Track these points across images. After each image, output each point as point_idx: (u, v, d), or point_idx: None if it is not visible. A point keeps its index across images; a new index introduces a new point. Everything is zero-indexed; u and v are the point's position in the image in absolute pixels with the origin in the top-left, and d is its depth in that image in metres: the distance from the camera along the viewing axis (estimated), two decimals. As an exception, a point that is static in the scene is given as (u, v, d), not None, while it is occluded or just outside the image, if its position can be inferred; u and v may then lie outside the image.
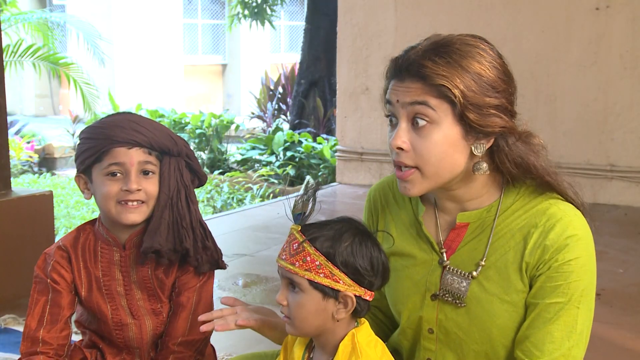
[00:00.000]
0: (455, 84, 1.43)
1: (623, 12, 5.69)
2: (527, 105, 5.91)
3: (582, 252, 1.50)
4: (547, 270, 1.48)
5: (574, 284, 1.48)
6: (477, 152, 1.48)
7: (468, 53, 1.46)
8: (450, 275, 1.56)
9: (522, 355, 1.49)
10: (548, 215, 1.50)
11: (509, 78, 1.50)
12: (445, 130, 1.46)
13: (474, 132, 1.47)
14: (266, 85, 12.05)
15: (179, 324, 1.91)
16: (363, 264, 1.46)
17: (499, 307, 1.52)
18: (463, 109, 1.44)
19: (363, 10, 6.57)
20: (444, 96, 1.44)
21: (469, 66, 1.45)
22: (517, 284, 1.51)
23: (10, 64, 9.41)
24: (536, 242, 1.49)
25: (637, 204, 5.72)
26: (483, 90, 1.45)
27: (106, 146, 1.81)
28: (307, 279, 1.46)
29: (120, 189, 1.81)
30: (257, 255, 4.49)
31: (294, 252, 1.48)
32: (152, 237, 1.83)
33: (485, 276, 1.53)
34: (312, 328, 1.50)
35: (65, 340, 1.89)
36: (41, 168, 10.10)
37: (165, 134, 1.86)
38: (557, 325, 1.48)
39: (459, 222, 1.58)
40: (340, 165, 6.86)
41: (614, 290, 3.77)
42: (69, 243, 1.92)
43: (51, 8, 15.74)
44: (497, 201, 1.55)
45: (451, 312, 1.57)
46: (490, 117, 1.46)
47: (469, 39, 1.50)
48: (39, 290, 1.90)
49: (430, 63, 1.44)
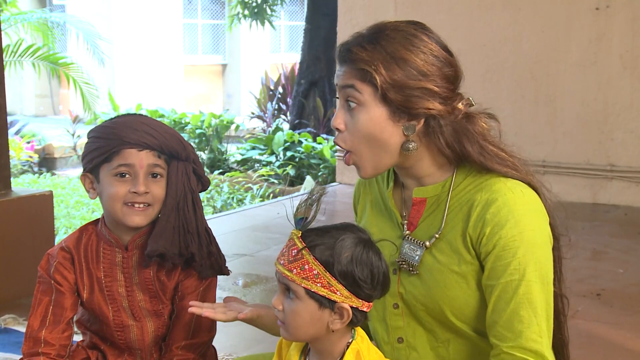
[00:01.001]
0: (376, 68, 1.52)
1: (623, 12, 5.69)
2: (527, 105, 5.95)
3: (525, 226, 1.51)
4: (494, 248, 1.51)
5: (523, 258, 1.49)
6: (407, 132, 1.56)
7: (396, 39, 1.54)
8: (408, 244, 1.63)
9: (497, 341, 1.51)
10: (492, 190, 1.55)
11: (443, 63, 1.56)
12: (371, 111, 1.55)
13: (400, 113, 1.55)
14: (266, 85, 12.05)
15: (182, 327, 1.90)
16: (362, 276, 1.44)
17: (450, 277, 1.56)
18: (385, 91, 1.53)
19: (363, 10, 6.57)
20: (368, 79, 1.53)
21: (394, 52, 1.53)
22: (465, 255, 1.55)
23: (10, 64, 9.41)
24: (478, 215, 1.54)
25: (637, 204, 5.72)
26: (408, 74, 1.52)
27: (117, 147, 1.80)
28: (304, 287, 1.44)
29: (128, 191, 1.81)
30: (257, 255, 4.50)
31: (293, 259, 1.46)
32: (157, 241, 1.82)
33: (438, 248, 1.59)
34: (306, 335, 1.49)
35: (67, 341, 1.89)
36: (41, 168, 10.10)
37: (175, 138, 1.86)
38: (520, 304, 1.49)
39: (415, 197, 1.64)
40: (340, 165, 6.86)
41: (614, 290, 3.77)
42: (72, 244, 1.91)
43: (51, 8, 15.74)
44: (450, 177, 1.62)
45: (409, 285, 1.61)
46: (415, 99, 1.53)
47: (403, 26, 1.58)
48: (42, 290, 1.90)
49: (357, 49, 1.55)
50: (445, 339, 1.62)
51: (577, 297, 3.53)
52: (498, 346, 1.50)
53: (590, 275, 3.98)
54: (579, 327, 3.13)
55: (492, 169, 1.57)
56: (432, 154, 1.60)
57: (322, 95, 10.36)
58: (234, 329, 3.22)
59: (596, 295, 3.69)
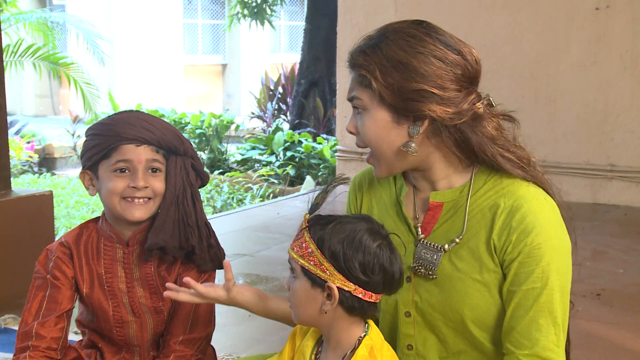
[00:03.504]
0: (372, 71, 1.53)
1: (623, 12, 5.69)
2: (527, 105, 5.94)
3: (551, 234, 1.51)
4: (518, 255, 1.51)
5: (547, 267, 1.49)
6: (411, 133, 1.56)
7: (394, 41, 1.54)
8: (424, 248, 1.61)
9: (512, 347, 1.50)
10: (516, 197, 1.53)
11: (446, 64, 1.53)
12: (373, 114, 1.56)
13: (402, 116, 1.54)
14: (266, 85, 12.05)
15: (180, 321, 1.91)
16: (351, 259, 1.45)
17: (471, 286, 1.55)
18: (383, 95, 1.53)
19: (363, 10, 6.57)
20: (367, 84, 1.55)
21: (391, 55, 1.53)
22: (488, 263, 1.54)
23: (10, 64, 9.41)
24: (503, 223, 1.52)
25: (637, 204, 5.72)
26: (405, 77, 1.51)
27: (115, 143, 1.81)
28: (300, 264, 1.49)
29: (127, 186, 1.82)
30: (257, 255, 4.49)
31: (296, 238, 1.52)
32: (157, 234, 1.84)
33: (458, 255, 1.57)
34: (306, 316, 1.52)
35: (60, 334, 1.88)
36: (41, 168, 10.09)
37: (173, 133, 1.87)
38: (540, 312, 1.49)
39: (432, 202, 1.62)
40: (340, 165, 6.86)
41: (614, 290, 3.77)
42: (71, 239, 1.92)
43: (51, 8, 15.74)
44: (469, 181, 1.60)
45: (425, 293, 1.60)
46: (412, 102, 1.52)
47: (404, 27, 1.57)
48: (37, 285, 1.90)
49: (358, 54, 1.57)
50: (456, 350, 1.61)
51: (577, 297, 3.51)
52: (513, 353, 1.49)
53: (590, 275, 3.97)
54: (579, 327, 3.13)
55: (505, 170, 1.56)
56: (444, 155, 1.59)
57: (322, 95, 10.35)
58: (234, 329, 3.22)
59: (596, 295, 3.69)
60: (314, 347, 1.58)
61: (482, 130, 1.55)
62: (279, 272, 4.06)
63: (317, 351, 1.57)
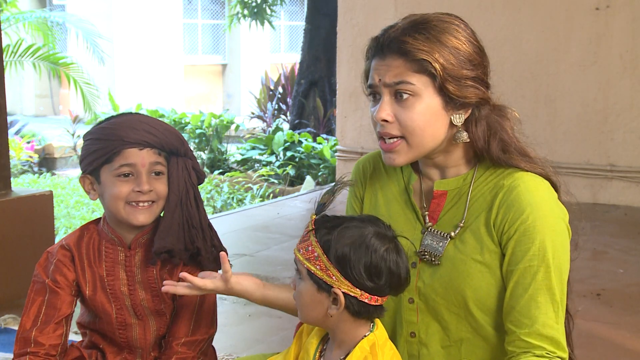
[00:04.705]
0: (435, 57, 1.52)
1: (623, 12, 5.69)
2: (527, 105, 5.94)
3: (546, 212, 1.53)
4: (515, 234, 1.53)
5: (542, 244, 1.51)
6: (456, 121, 1.57)
7: (445, 29, 1.55)
8: (431, 235, 1.63)
9: (513, 327, 1.52)
10: (514, 177, 1.57)
11: (482, 52, 1.59)
12: (427, 101, 1.55)
13: (453, 103, 1.56)
14: (266, 85, 12.05)
15: (182, 323, 1.90)
16: (357, 265, 1.44)
17: (473, 267, 1.56)
18: (443, 82, 1.53)
19: (363, 10, 6.57)
20: (425, 70, 1.53)
21: (447, 41, 1.54)
22: (489, 244, 1.56)
23: (10, 64, 9.41)
24: (500, 201, 1.55)
25: (637, 204, 5.72)
26: (460, 63, 1.54)
27: (117, 147, 1.80)
28: (306, 268, 1.48)
29: (132, 190, 1.81)
30: (257, 255, 4.49)
31: (302, 240, 1.51)
32: (164, 238, 1.83)
33: (461, 239, 1.59)
34: (311, 318, 1.52)
35: (59, 340, 1.87)
36: (41, 168, 10.09)
37: (174, 134, 1.87)
38: (538, 290, 1.50)
39: (436, 190, 1.65)
40: (340, 165, 6.86)
41: (614, 290, 3.77)
42: (73, 242, 1.91)
43: (51, 8, 15.75)
44: (472, 169, 1.63)
45: (428, 278, 1.61)
46: (468, 89, 1.55)
47: (445, 17, 1.58)
48: (36, 290, 1.89)
49: (411, 39, 1.53)
50: (458, 338, 1.61)
51: (577, 297, 3.51)
52: (514, 332, 1.51)
53: (590, 275, 3.97)
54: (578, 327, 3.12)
55: (511, 164, 1.58)
56: (464, 146, 1.62)
57: (322, 95, 10.35)
58: (234, 329, 3.22)
59: (596, 295, 3.69)
60: (319, 345, 1.58)
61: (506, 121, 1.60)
62: (279, 272, 4.06)
63: (322, 349, 1.57)
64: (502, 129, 1.59)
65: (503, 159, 1.58)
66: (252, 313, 3.43)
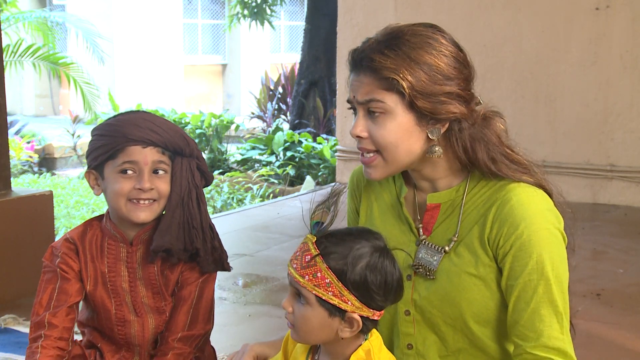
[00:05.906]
0: (403, 76, 1.50)
1: (623, 12, 5.69)
2: (527, 105, 5.95)
3: (540, 225, 1.51)
4: (511, 249, 1.51)
5: (540, 257, 1.50)
6: (432, 136, 1.55)
7: (417, 44, 1.52)
8: (425, 249, 1.61)
9: (519, 340, 1.51)
10: (506, 190, 1.55)
11: (462, 65, 1.55)
12: (398, 118, 1.54)
13: (427, 119, 1.53)
14: (266, 85, 12.05)
15: (179, 317, 1.91)
16: (375, 287, 1.42)
17: (467, 280, 1.55)
18: (412, 99, 1.51)
19: (363, 10, 6.57)
20: (393, 88, 1.51)
21: (418, 57, 1.51)
22: (483, 258, 1.55)
23: (10, 64, 9.41)
24: (494, 216, 1.54)
25: (637, 204, 5.72)
26: (433, 79, 1.51)
27: (121, 144, 1.82)
28: (315, 294, 1.43)
29: (133, 187, 1.82)
30: (257, 255, 4.50)
31: (306, 265, 1.44)
32: (163, 236, 1.84)
33: (456, 252, 1.58)
34: (316, 340, 1.49)
35: (71, 324, 1.89)
36: (41, 168, 10.09)
37: (179, 134, 1.87)
38: (540, 303, 1.50)
39: (429, 204, 1.63)
40: (340, 165, 6.86)
41: (614, 290, 3.77)
42: (77, 236, 1.93)
43: (51, 7, 15.74)
44: (464, 181, 1.61)
45: (424, 291, 1.60)
46: (442, 105, 1.52)
47: (420, 29, 1.55)
48: (47, 278, 1.91)
49: (379, 56, 1.51)
50: (456, 348, 1.61)
51: (577, 297, 3.53)
52: (520, 346, 1.50)
53: (590, 275, 3.97)
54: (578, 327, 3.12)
55: (502, 175, 1.56)
56: (448, 158, 1.59)
57: (322, 95, 10.35)
58: (234, 329, 3.23)
59: (596, 295, 3.69)
60: (309, 353, 1.57)
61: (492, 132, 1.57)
62: (279, 272, 4.06)
63: (314, 358, 1.56)
64: (488, 141, 1.55)
65: (493, 169, 1.56)
66: (252, 313, 3.43)
